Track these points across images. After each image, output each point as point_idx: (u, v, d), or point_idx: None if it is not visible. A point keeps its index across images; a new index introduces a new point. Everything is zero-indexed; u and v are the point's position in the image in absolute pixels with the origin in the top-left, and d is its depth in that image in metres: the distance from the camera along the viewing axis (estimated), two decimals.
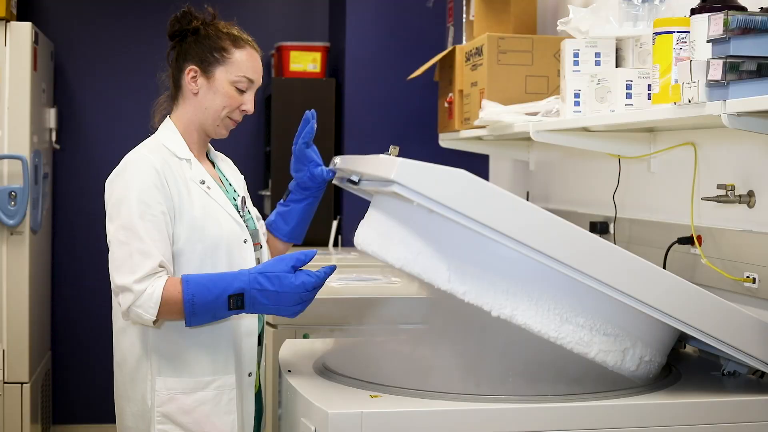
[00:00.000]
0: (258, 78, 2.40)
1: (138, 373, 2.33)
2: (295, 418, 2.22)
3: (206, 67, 2.35)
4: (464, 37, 4.11)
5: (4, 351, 4.37)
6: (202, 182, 2.35)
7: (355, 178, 2.26)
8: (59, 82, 5.37)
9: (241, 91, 2.36)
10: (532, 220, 2.05)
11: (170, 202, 2.27)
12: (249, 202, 2.51)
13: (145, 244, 2.21)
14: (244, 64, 2.36)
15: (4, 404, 4.37)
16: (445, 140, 4.25)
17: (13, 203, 4.33)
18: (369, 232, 2.31)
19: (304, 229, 2.59)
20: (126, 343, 2.35)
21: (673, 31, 2.35)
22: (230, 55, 2.35)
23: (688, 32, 2.28)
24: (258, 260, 2.42)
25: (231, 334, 2.34)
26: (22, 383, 4.41)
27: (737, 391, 2.21)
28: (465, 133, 3.92)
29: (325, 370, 2.30)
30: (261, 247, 2.47)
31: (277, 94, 5.10)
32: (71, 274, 5.43)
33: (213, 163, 2.51)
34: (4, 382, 4.37)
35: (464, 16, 4.11)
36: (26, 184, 4.34)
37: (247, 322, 2.37)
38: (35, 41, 4.49)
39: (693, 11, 2.24)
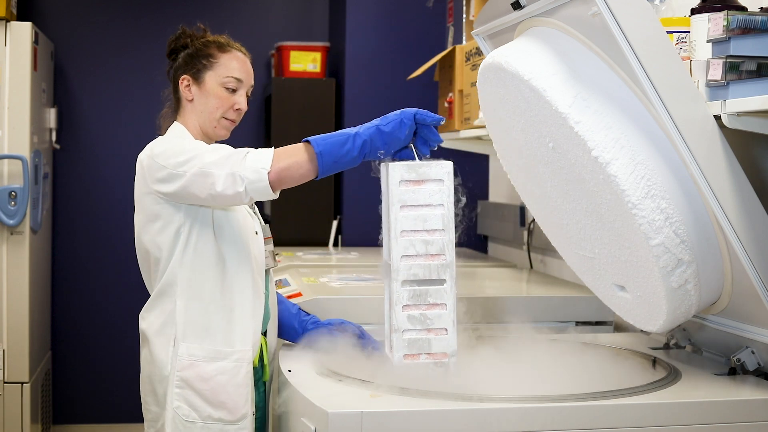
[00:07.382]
0: (246, 77, 2.53)
1: (161, 338, 2.44)
2: (295, 418, 2.22)
3: (197, 74, 2.51)
4: (464, 37, 4.10)
5: (4, 351, 4.37)
6: None
7: (523, 2, 2.27)
8: (59, 82, 5.37)
9: (232, 91, 2.50)
10: (693, 113, 2.04)
11: None
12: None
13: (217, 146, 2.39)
14: (230, 64, 2.51)
15: (4, 404, 4.38)
16: (445, 140, 4.24)
17: (13, 203, 4.33)
18: (508, 50, 2.30)
19: None
20: (157, 310, 2.46)
21: (673, 31, 2.34)
22: (216, 59, 2.51)
23: (688, 32, 2.28)
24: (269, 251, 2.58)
25: (252, 310, 2.45)
26: (22, 383, 4.41)
27: (737, 391, 2.21)
28: (465, 133, 3.91)
29: (325, 370, 2.30)
30: (272, 241, 2.61)
31: (277, 94, 5.10)
32: (71, 274, 5.42)
33: None
34: (4, 382, 4.38)
35: (464, 16, 4.11)
36: (26, 184, 4.35)
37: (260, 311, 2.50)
38: (35, 41, 4.49)
39: (693, 11, 2.24)
